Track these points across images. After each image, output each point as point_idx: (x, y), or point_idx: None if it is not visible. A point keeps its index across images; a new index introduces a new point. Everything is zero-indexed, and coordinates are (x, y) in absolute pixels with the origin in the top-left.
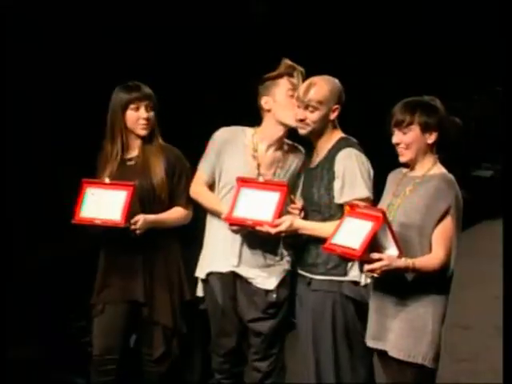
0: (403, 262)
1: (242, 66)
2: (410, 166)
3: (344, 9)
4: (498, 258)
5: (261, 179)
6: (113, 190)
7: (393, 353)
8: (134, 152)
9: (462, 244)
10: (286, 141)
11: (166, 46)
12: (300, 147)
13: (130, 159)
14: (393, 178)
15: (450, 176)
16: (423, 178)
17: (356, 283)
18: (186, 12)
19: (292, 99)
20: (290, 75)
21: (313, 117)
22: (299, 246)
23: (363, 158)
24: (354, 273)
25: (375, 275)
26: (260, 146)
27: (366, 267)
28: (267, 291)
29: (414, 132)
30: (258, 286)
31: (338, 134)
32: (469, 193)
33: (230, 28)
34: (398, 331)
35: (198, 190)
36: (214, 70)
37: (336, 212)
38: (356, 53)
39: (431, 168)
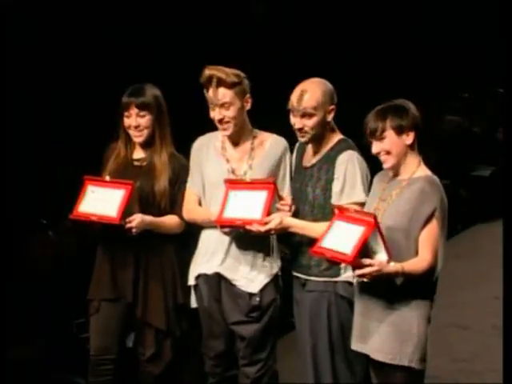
0: (393, 268)
1: (241, 66)
2: (394, 170)
3: (344, 9)
4: (497, 258)
5: (247, 179)
6: (112, 187)
7: (378, 356)
8: (141, 153)
9: (461, 244)
10: (259, 132)
11: (165, 46)
12: (281, 139)
13: (138, 160)
14: (379, 180)
15: (435, 178)
16: (408, 181)
17: (350, 283)
18: (186, 12)
19: (212, 112)
20: (207, 87)
21: (311, 123)
22: (293, 247)
23: (364, 162)
24: (347, 273)
25: (365, 280)
26: (227, 144)
27: (357, 272)
28: (251, 294)
29: (390, 137)
30: (242, 288)
31: (337, 136)
32: (468, 192)
33: (230, 28)
34: (384, 335)
35: (189, 207)
36: None
37: (329, 213)
38: (356, 53)
39: (416, 170)
